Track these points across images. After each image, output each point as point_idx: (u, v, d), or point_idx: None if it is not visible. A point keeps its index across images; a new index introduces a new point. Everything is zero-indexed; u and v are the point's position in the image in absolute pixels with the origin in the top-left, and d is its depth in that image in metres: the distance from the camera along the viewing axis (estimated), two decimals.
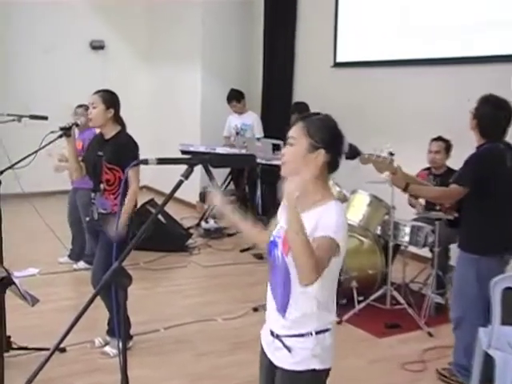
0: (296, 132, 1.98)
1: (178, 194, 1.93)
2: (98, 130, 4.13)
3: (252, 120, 7.68)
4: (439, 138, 5.14)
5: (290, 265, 1.94)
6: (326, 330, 2.00)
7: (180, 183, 1.85)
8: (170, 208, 5.62)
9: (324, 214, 1.90)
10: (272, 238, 2.07)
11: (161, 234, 6.17)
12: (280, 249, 2.00)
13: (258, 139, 7.23)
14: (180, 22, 8.99)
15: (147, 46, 9.94)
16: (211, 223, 7.36)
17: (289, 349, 1.99)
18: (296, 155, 1.96)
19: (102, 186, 3.86)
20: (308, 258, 1.76)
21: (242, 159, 2.19)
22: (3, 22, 8.90)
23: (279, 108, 7.97)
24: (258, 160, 6.62)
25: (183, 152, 7.31)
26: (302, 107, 6.52)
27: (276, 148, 6.50)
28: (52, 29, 9.18)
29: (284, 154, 2.00)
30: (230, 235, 7.21)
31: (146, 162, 1.83)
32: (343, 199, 5.11)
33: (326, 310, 2.00)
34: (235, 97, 7.65)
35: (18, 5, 8.82)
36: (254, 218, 8.49)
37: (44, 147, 3.97)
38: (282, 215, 2.09)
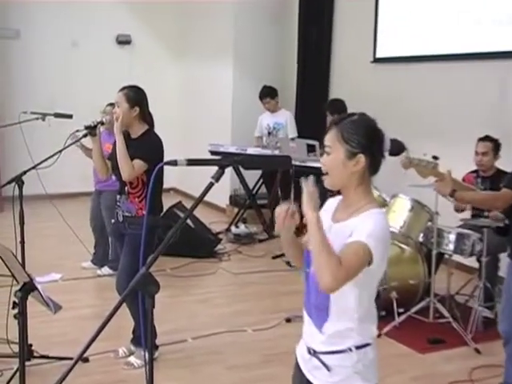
0: (331, 139, 1.95)
1: (206, 197, 1.94)
2: None
3: (285, 118, 7.67)
4: (486, 138, 5.04)
5: None
6: (367, 345, 1.96)
7: (210, 186, 1.86)
8: (199, 212, 5.64)
9: (361, 221, 1.87)
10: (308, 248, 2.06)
11: (189, 239, 6.21)
12: None
13: (292, 139, 7.22)
14: (211, 16, 9.04)
15: (176, 41, 10.02)
16: (242, 228, 7.38)
17: (328, 367, 1.95)
18: (335, 165, 1.94)
19: (126, 188, 3.90)
20: (326, 260, 1.74)
21: (276, 161, 2.18)
22: (25, 16, 9.08)
23: (314, 106, 7.94)
24: (292, 162, 6.61)
25: (212, 153, 7.35)
26: (338, 105, 6.46)
27: (311, 149, 6.47)
28: (76, 23, 9.34)
29: (323, 164, 1.99)
30: (261, 241, 7.22)
31: (174, 163, 1.85)
32: (382, 204, 5.06)
33: (365, 323, 1.95)
34: (269, 93, 7.64)
35: None
36: None
37: (68, 146, 4.05)
38: (324, 221, 2.06)
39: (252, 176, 7.63)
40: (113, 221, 4.10)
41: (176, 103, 10.03)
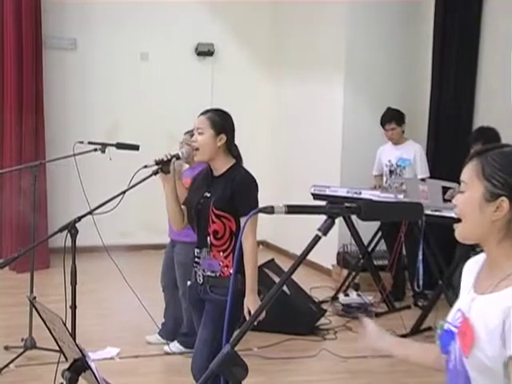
0: (468, 173, 1.95)
1: (307, 255, 1.95)
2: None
3: (413, 153, 7.60)
4: None
5: (471, 369, 1.88)
6: None
7: (316, 240, 1.87)
8: (297, 274, 5.62)
9: None
10: (446, 326, 2.02)
11: (283, 310, 6.20)
12: (458, 344, 1.94)
13: (423, 180, 7.14)
14: (316, 23, 9.14)
15: (270, 51, 10.22)
16: (353, 296, 7.31)
17: None
18: (469, 207, 1.93)
19: (208, 239, 3.95)
20: None
21: (402, 209, 2.14)
22: (83, 23, 9.51)
23: (453, 136, 7.83)
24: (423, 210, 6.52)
25: (316, 196, 7.37)
26: (488, 135, 6.33)
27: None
28: (145, 31, 9.70)
29: (454, 205, 1.97)
30: (379, 315, 7.11)
31: (271, 210, 1.87)
32: None
33: None
34: (395, 118, 7.58)
35: (98, 5, 9.40)
36: (415, 293, 8.29)
37: (133, 187, 4.14)
38: (464, 290, 2.03)
39: (367, 228, 7.55)
40: (189, 282, 4.16)
41: (268, 130, 10.19)
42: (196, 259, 4.04)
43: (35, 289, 5.56)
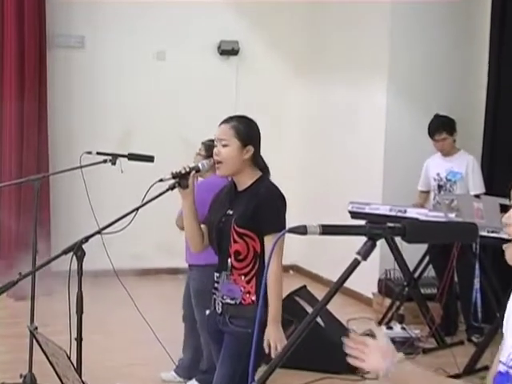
0: None
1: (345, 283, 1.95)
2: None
3: (465, 165, 7.56)
4: None
5: None
6: None
7: (355, 265, 1.87)
8: (333, 303, 5.61)
9: None
10: (502, 369, 2.01)
11: (316, 344, 6.18)
12: None
13: (477, 197, 7.10)
14: (356, 22, 9.17)
15: (303, 51, 10.25)
16: (397, 330, 7.27)
17: None
18: None
19: (229, 261, 3.94)
20: None
21: (455, 231, 2.13)
22: (92, 18, 9.59)
23: None
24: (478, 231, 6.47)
25: (354, 215, 7.35)
26: None
27: (506, 211, 6.33)
28: (161, 27, 9.76)
29: (505, 222, 1.96)
30: (427, 351, 7.07)
31: (303, 230, 1.87)
32: None
33: None
34: (445, 126, 7.53)
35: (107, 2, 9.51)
36: (469, 326, 8.23)
37: (147, 203, 4.13)
38: None
39: (413, 251, 7.51)
40: (207, 312, 4.16)
41: (299, 139, 10.22)
42: (215, 284, 4.03)
43: (36, 318, 5.58)
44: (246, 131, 3.95)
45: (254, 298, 3.85)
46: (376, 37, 8.81)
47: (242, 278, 3.91)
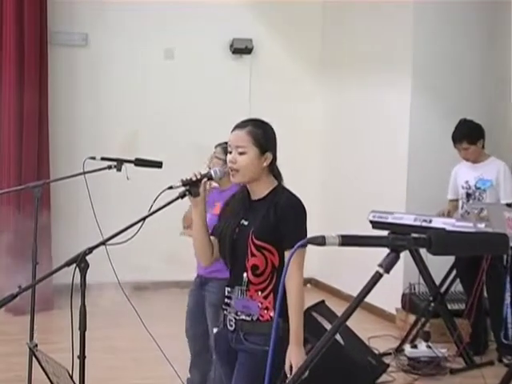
0: None
1: (366, 297, 1.96)
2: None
3: (496, 172, 7.54)
4: None
5: None
6: None
7: (377, 278, 1.87)
8: (353, 320, 5.61)
9: None
10: None
11: (336, 363, 6.17)
12: None
13: (509, 206, 7.08)
14: (377, 21, 9.17)
15: (322, 50, 10.29)
16: (422, 348, 7.24)
17: None
18: None
19: (245, 275, 3.92)
20: None
21: (484, 242, 2.14)
22: (95, 15, 9.63)
23: None
24: (510, 242, 6.46)
25: (376, 224, 7.34)
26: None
27: None
28: (170, 25, 9.80)
29: None
30: (454, 371, 7.05)
31: (322, 240, 1.88)
32: None
33: None
34: (465, 136, 7.53)
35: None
36: (499, 345, 8.22)
37: (155, 212, 4.13)
38: None
39: (439, 264, 7.50)
40: (215, 329, 4.16)
41: (317, 143, 10.26)
42: (226, 300, 4.00)
43: (36, 334, 5.58)
44: (264, 137, 3.91)
45: (272, 313, 3.83)
46: (400, 34, 8.80)
47: (259, 293, 3.90)
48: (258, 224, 3.85)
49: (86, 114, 9.58)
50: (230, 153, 3.93)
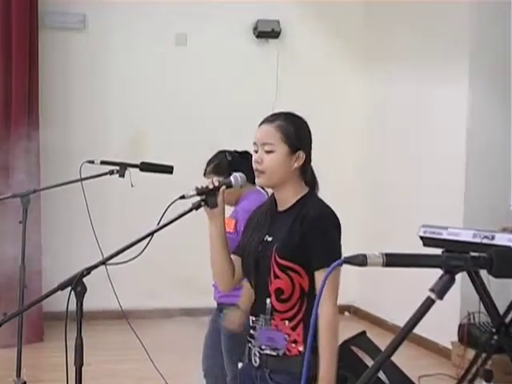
0: None
1: (415, 329, 1.96)
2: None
3: None
4: None
5: None
6: None
7: (428, 305, 1.87)
8: (400, 354, 5.62)
9: None
10: None
11: None
12: None
13: None
14: (430, 4, 9.16)
15: (362, 34, 10.30)
16: None
17: None
18: None
19: (268, 301, 3.91)
20: None
21: None
22: None
23: None
24: None
25: (427, 241, 7.33)
26: None
27: None
28: (182, 7, 9.78)
29: None
30: None
31: (363, 260, 1.88)
32: None
33: None
34: None
35: None
36: None
37: (165, 226, 4.12)
38: None
39: (503, 289, 7.51)
40: (240, 364, 4.17)
41: (357, 144, 10.28)
42: (251, 331, 3.99)
43: (24, 371, 5.61)
44: (296, 133, 3.90)
45: (301, 348, 3.80)
46: (457, 20, 8.79)
47: (286, 323, 3.87)
48: (281, 239, 3.83)
49: (84, 109, 9.62)
50: (256, 152, 3.92)
